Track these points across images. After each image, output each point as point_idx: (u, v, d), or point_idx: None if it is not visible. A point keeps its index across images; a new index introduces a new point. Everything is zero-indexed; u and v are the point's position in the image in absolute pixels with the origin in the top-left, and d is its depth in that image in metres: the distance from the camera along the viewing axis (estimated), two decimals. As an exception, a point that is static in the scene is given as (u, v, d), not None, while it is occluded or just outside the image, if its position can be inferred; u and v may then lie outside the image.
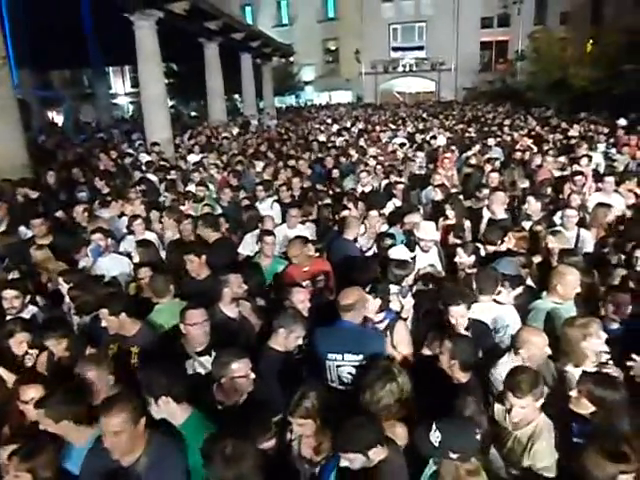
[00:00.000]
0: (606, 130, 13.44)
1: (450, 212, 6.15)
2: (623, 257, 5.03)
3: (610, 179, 6.90)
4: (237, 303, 4.03)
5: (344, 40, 39.94)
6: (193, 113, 32.64)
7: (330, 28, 40.52)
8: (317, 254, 5.05)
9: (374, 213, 5.94)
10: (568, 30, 30.49)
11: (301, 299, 3.90)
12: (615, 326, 3.92)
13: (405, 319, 3.98)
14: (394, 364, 3.00)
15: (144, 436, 2.58)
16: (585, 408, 2.80)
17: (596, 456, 2.20)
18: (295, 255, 4.72)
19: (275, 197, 7.37)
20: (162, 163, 10.83)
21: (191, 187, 8.37)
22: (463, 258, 4.77)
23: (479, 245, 5.22)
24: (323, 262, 4.94)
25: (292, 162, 10.00)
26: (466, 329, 3.65)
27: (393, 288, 4.13)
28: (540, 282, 4.55)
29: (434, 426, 2.41)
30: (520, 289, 4.30)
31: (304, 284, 4.30)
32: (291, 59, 36.64)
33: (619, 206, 6.35)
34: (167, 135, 13.74)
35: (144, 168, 10.20)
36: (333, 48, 41.87)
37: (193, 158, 11.56)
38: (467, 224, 6.07)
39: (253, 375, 2.96)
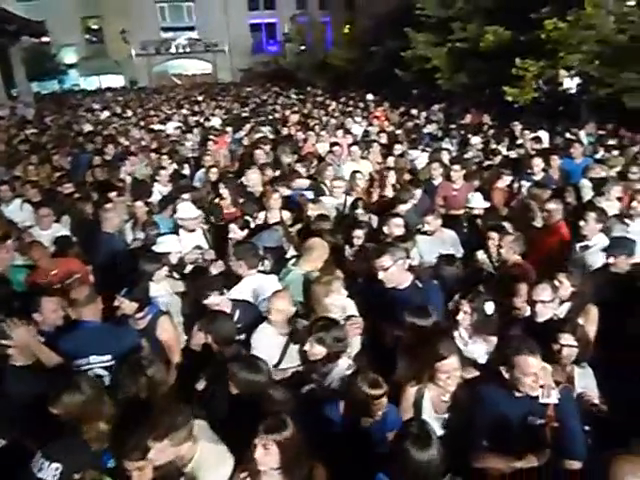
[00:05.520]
0: (362, 105, 15.02)
1: (224, 191, 6.21)
2: (374, 217, 5.67)
3: (355, 148, 7.69)
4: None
5: (108, 19, 36.70)
6: None
7: (89, 5, 36.49)
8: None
9: (139, 203, 5.81)
10: (327, 14, 32.95)
11: (52, 309, 3.49)
12: (359, 281, 4.39)
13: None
14: (145, 356, 2.89)
15: None
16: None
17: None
18: (37, 259, 4.24)
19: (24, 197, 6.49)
20: None
21: None
22: (237, 234, 4.91)
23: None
24: (72, 261, 4.53)
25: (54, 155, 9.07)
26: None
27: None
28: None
29: (44, 461, 2.15)
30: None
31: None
32: (46, 39, 32.39)
33: (367, 170, 7.08)
34: None
35: None
36: (95, 27, 38.19)
37: None
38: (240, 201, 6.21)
39: None
